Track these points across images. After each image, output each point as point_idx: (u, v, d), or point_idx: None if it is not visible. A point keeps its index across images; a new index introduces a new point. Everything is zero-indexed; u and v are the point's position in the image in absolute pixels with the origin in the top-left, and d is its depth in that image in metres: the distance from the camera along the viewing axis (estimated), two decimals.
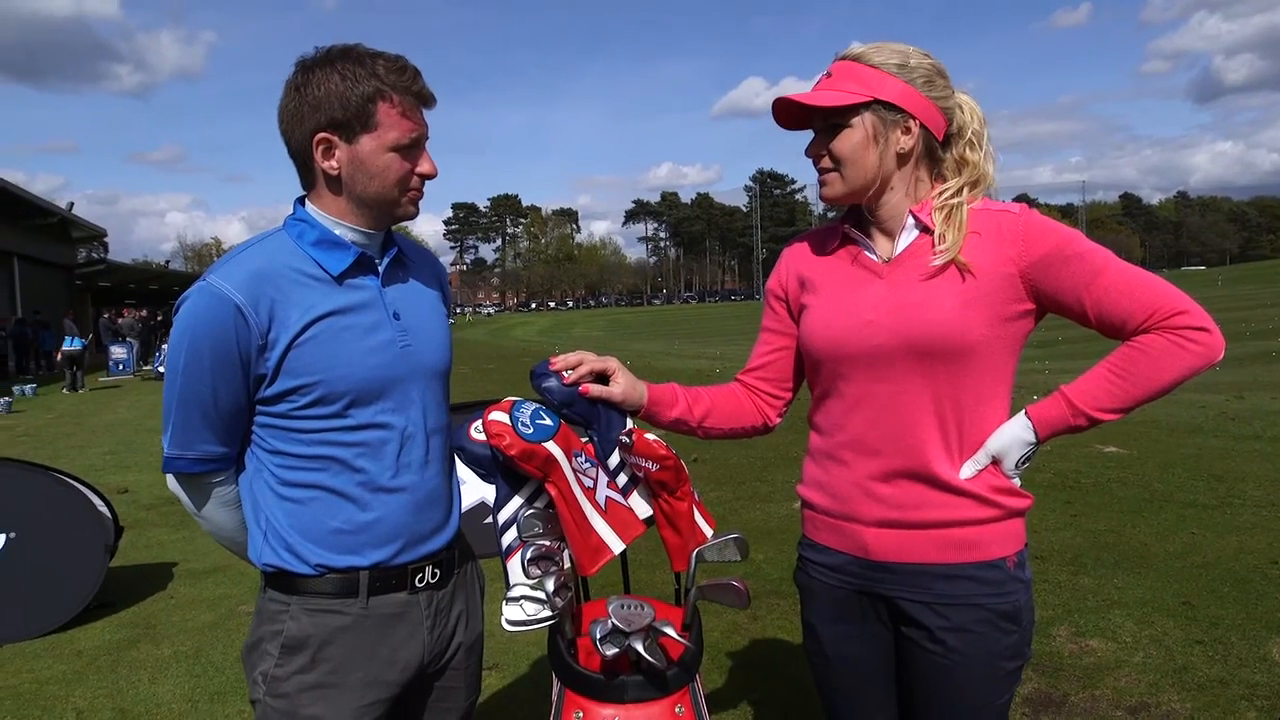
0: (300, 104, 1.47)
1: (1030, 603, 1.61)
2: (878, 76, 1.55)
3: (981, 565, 1.56)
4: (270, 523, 1.54)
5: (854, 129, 1.56)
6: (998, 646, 1.56)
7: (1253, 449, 7.52)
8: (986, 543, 1.56)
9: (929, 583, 1.58)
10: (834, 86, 1.57)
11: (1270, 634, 3.75)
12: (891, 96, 1.54)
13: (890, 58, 1.56)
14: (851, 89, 1.55)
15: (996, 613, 1.55)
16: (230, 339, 1.45)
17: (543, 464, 1.57)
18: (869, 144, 1.56)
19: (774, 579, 4.78)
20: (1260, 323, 23.75)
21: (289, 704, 1.53)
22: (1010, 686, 1.61)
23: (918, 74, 1.56)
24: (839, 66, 1.60)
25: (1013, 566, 1.58)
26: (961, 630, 1.56)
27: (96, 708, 3.65)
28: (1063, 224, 1.56)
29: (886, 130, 1.56)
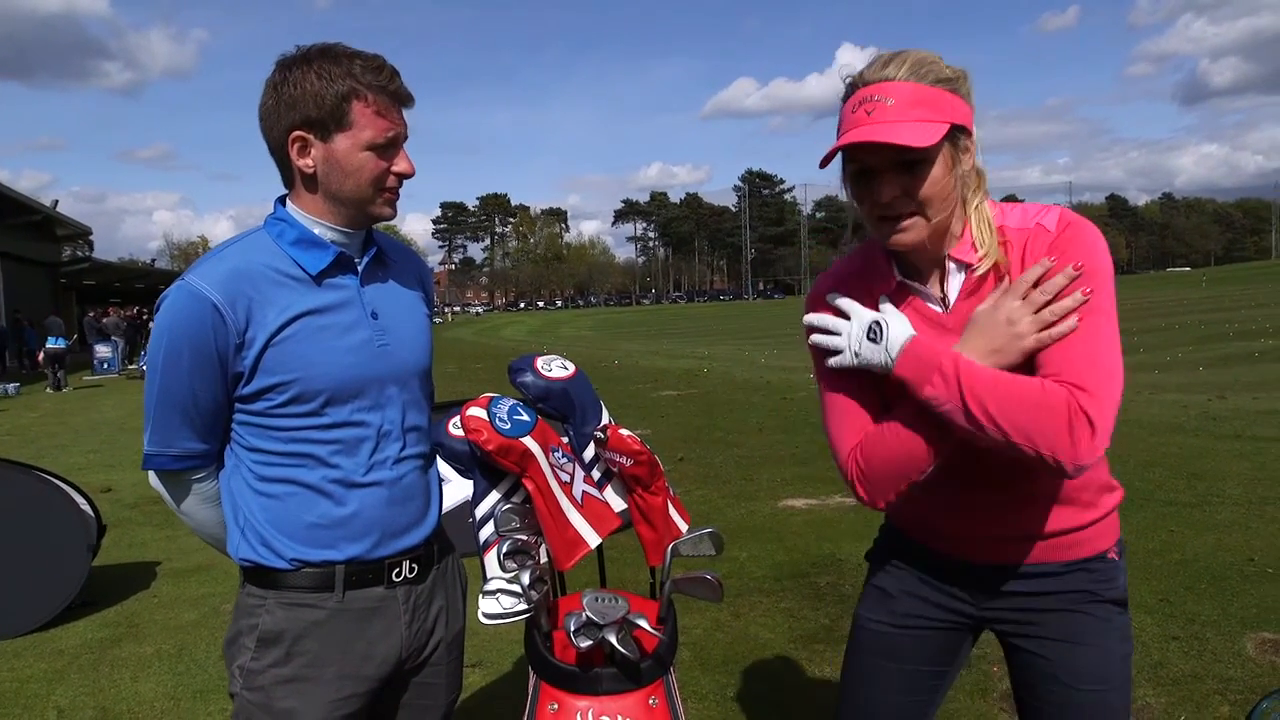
0: (278, 102, 1.49)
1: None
2: (942, 97, 1.38)
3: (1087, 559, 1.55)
4: (248, 518, 1.56)
5: (937, 164, 1.37)
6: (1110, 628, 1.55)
7: (1232, 448, 7.60)
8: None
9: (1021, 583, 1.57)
10: (906, 117, 1.34)
11: (1245, 630, 3.81)
12: (963, 119, 1.39)
13: (938, 72, 1.39)
14: (931, 116, 1.35)
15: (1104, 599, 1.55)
16: (208, 337, 1.46)
17: (520, 459, 1.59)
18: (948, 177, 1.39)
19: (757, 577, 4.80)
20: (1243, 323, 23.95)
21: (264, 696, 1.54)
22: (1127, 677, 1.57)
23: (962, 84, 1.41)
24: (892, 89, 1.37)
25: (1116, 557, 1.56)
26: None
27: (78, 706, 3.65)
28: (1099, 243, 1.38)
29: (959, 155, 1.40)
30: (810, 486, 6.88)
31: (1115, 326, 1.37)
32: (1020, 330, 1.35)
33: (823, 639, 3.94)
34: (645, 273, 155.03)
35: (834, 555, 5.12)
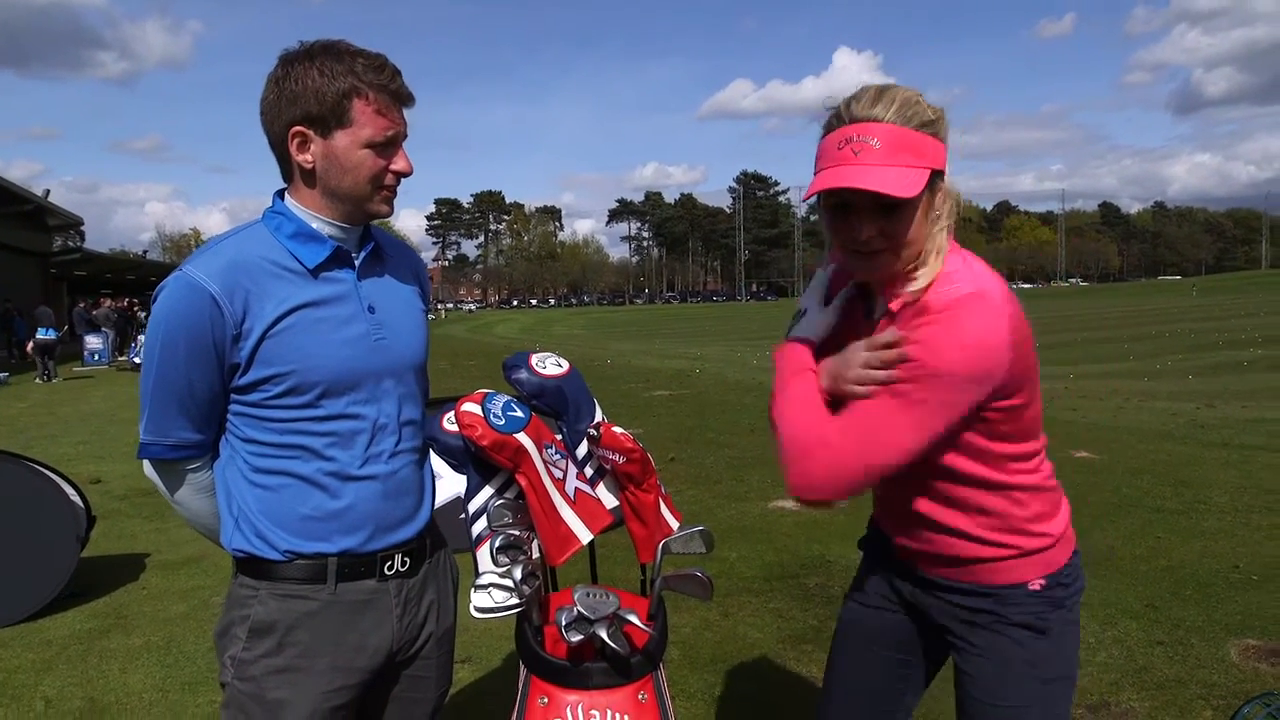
0: (279, 97, 1.50)
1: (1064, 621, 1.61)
2: (929, 144, 1.42)
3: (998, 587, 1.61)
4: (242, 509, 1.57)
5: (918, 206, 1.42)
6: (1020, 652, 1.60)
7: (1220, 456, 7.65)
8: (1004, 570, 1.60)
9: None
10: (890, 161, 1.39)
11: (1229, 636, 3.84)
12: (939, 164, 1.44)
13: (921, 114, 1.43)
14: (915, 163, 1.40)
15: (1014, 623, 1.60)
16: (205, 328, 1.47)
17: (513, 454, 1.60)
18: (924, 218, 1.44)
19: (746, 576, 4.82)
20: (1233, 333, 24.09)
21: (255, 687, 1.55)
22: (1041, 699, 1.61)
23: (942, 127, 1.45)
24: (879, 132, 1.40)
25: (1039, 588, 1.58)
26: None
27: (66, 696, 3.64)
28: (959, 342, 1.39)
29: (935, 197, 1.45)
30: None
31: (912, 419, 1.41)
32: (848, 375, 1.48)
33: (811, 639, 3.96)
34: (639, 272, 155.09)
35: (823, 557, 5.14)
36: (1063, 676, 1.63)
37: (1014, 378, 1.44)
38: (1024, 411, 1.50)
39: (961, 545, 1.60)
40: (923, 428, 1.42)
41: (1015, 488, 1.56)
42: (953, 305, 1.41)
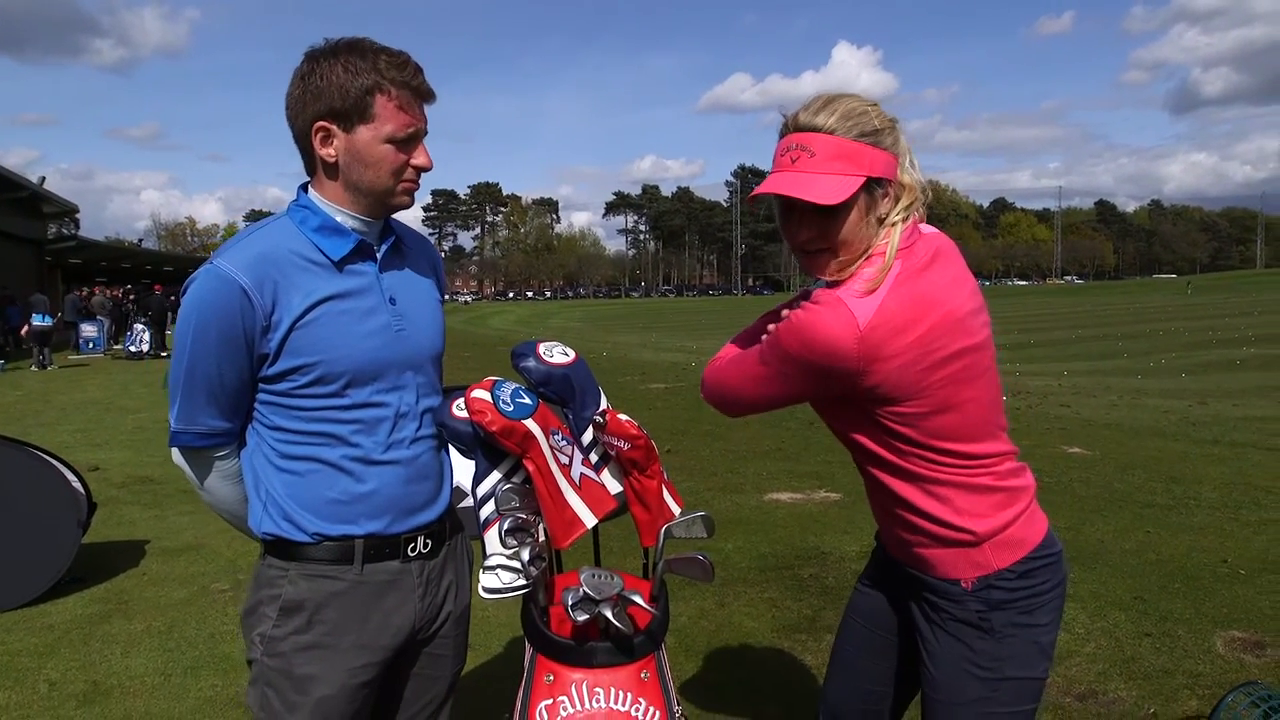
0: (304, 92, 1.54)
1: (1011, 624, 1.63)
2: (866, 152, 1.51)
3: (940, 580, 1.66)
4: (270, 494, 1.61)
5: (852, 212, 1.51)
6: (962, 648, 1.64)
7: (1210, 453, 7.73)
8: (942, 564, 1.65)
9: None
10: (823, 170, 1.50)
11: (1215, 628, 3.91)
12: (880, 171, 1.52)
13: (863, 125, 1.52)
14: (847, 171, 1.49)
15: (957, 619, 1.64)
16: (236, 319, 1.52)
17: (521, 440, 1.65)
18: (861, 222, 1.53)
19: (742, 567, 4.88)
20: (1226, 331, 24.22)
21: (284, 663, 1.60)
22: (984, 697, 1.64)
23: (887, 136, 1.53)
24: (815, 141, 1.51)
25: (969, 588, 1.62)
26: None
27: (69, 679, 3.68)
28: (794, 334, 1.52)
29: (874, 203, 1.54)
30: (796, 481, 6.97)
31: (755, 374, 1.62)
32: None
33: (805, 629, 4.02)
34: (635, 266, 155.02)
35: (818, 548, 5.20)
36: (1012, 678, 1.63)
37: (891, 386, 1.50)
38: (927, 419, 1.54)
39: (893, 526, 1.70)
40: (760, 384, 1.62)
41: (932, 481, 1.59)
42: (820, 300, 1.51)
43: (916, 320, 1.48)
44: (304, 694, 1.59)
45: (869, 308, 1.47)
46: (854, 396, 1.55)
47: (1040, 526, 1.66)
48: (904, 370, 1.48)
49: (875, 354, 1.47)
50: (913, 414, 1.53)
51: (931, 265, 1.55)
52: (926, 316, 1.49)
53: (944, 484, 1.60)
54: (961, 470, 1.59)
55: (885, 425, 1.57)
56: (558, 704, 1.61)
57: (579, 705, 1.60)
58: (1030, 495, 1.67)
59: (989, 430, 1.61)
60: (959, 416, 1.55)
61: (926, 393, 1.51)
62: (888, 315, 1.47)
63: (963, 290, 1.57)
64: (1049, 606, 1.65)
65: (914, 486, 1.62)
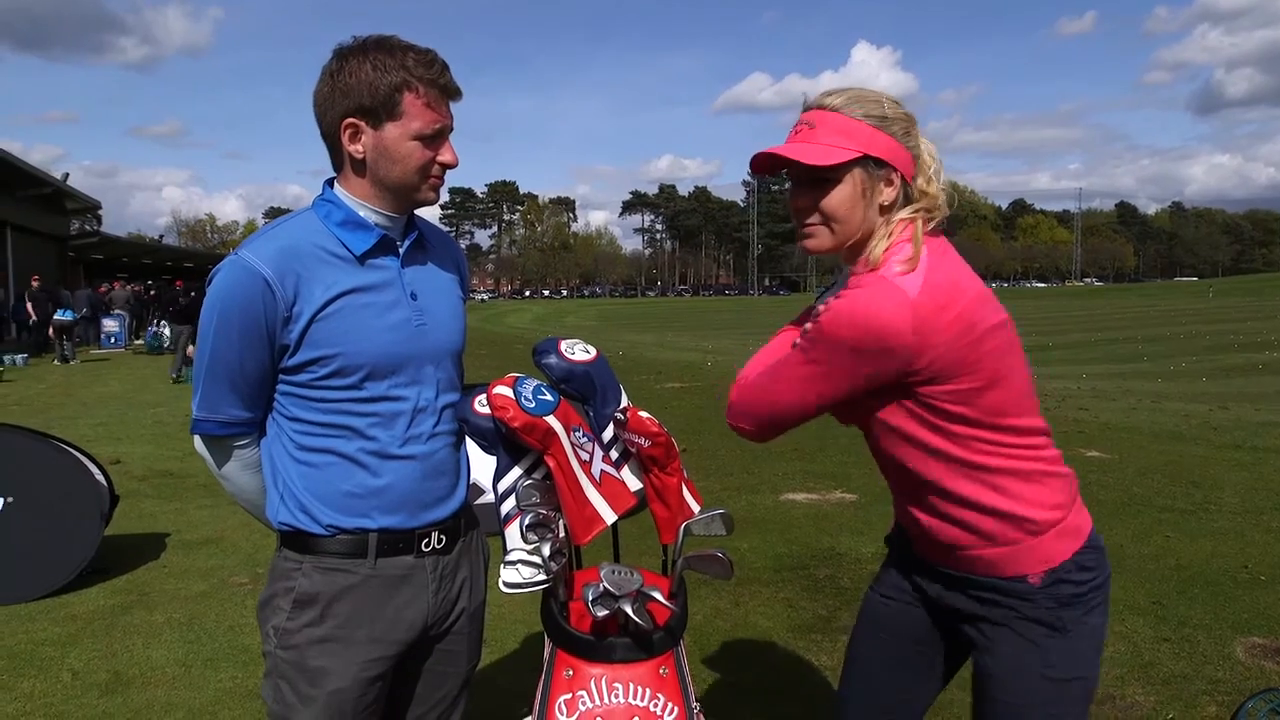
0: (333, 89, 1.56)
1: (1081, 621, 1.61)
2: (865, 130, 1.55)
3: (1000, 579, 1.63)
4: (287, 484, 1.63)
5: (844, 185, 1.56)
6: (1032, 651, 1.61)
7: (1231, 458, 7.66)
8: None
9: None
10: (820, 140, 1.56)
11: (1235, 634, 3.88)
12: (880, 152, 1.55)
13: (871, 109, 1.56)
14: (842, 144, 1.54)
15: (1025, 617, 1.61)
16: (258, 310, 1.54)
17: (543, 436, 1.66)
18: (858, 200, 1.56)
19: (757, 567, 4.88)
20: (1248, 335, 23.95)
21: (298, 655, 1.61)
22: (1054, 699, 1.62)
23: (897, 126, 1.57)
24: (819, 117, 1.58)
25: (1038, 583, 1.59)
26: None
27: (92, 669, 3.73)
28: (845, 318, 1.51)
29: (873, 184, 1.57)
30: (811, 481, 6.96)
31: (803, 374, 1.57)
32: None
33: (820, 629, 4.02)
34: (651, 265, 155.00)
35: (833, 549, 5.20)
36: (1079, 678, 1.62)
37: (945, 363, 1.49)
38: (981, 394, 1.53)
39: (944, 530, 1.64)
40: (811, 384, 1.56)
41: (987, 470, 1.57)
42: (862, 284, 1.53)
43: (956, 297, 1.51)
44: (316, 687, 1.61)
45: (915, 283, 1.49)
46: (905, 381, 1.52)
47: (1088, 517, 1.67)
48: (954, 344, 1.49)
49: (928, 328, 1.47)
50: (968, 390, 1.52)
51: (948, 253, 1.59)
52: (964, 294, 1.53)
53: (1000, 471, 1.57)
54: (1017, 451, 1.58)
55: (940, 409, 1.54)
56: (577, 699, 1.62)
57: (598, 700, 1.61)
58: (1076, 484, 1.67)
59: (1034, 404, 1.63)
60: (1007, 390, 1.56)
61: (979, 365, 1.51)
62: (933, 291, 1.49)
63: (974, 274, 1.61)
64: (1105, 604, 1.64)
65: (969, 478, 1.58)
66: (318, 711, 1.60)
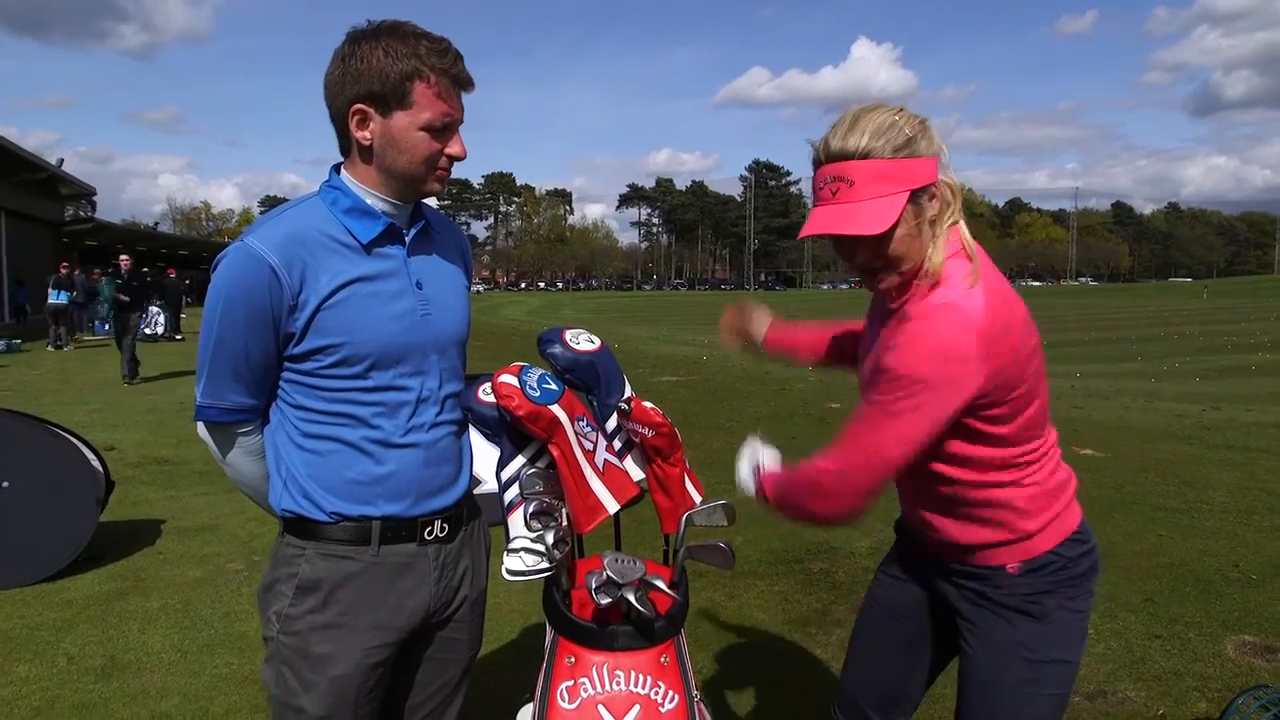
0: (344, 74, 1.54)
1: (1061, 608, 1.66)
2: (899, 167, 1.49)
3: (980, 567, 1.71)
4: (290, 471, 1.63)
5: (901, 227, 1.51)
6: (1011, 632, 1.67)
7: (1224, 457, 7.70)
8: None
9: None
10: (864, 197, 1.49)
11: (1226, 631, 3.91)
12: (921, 181, 1.51)
13: (895, 139, 1.49)
14: (887, 192, 1.49)
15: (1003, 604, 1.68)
16: (264, 297, 1.53)
17: (547, 425, 1.67)
18: (914, 234, 1.54)
19: (753, 560, 4.90)
20: (1241, 336, 24.05)
21: (300, 641, 1.62)
22: (1030, 679, 1.67)
23: (921, 141, 1.52)
24: (852, 170, 1.50)
25: (1015, 572, 1.66)
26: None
27: (87, 654, 3.74)
28: (928, 350, 1.48)
29: (921, 210, 1.54)
30: None
31: (895, 428, 1.51)
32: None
33: (814, 622, 4.04)
34: (648, 258, 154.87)
35: (828, 543, 5.22)
36: (1057, 660, 1.67)
37: (998, 385, 1.51)
38: (1022, 411, 1.57)
39: (947, 528, 1.71)
40: (905, 434, 1.51)
41: (999, 485, 1.63)
42: (924, 314, 1.51)
43: (1012, 314, 1.53)
44: (319, 673, 1.61)
45: (978, 304, 1.49)
46: (969, 400, 1.51)
47: (1077, 513, 1.73)
48: (1011, 364, 1.51)
49: (992, 349, 1.48)
50: (1012, 409, 1.55)
51: (989, 264, 1.59)
52: (1016, 309, 1.55)
53: (1011, 485, 1.64)
54: (1037, 459, 1.64)
55: (987, 419, 1.55)
56: (578, 685, 1.63)
57: (599, 687, 1.62)
58: (1073, 485, 1.74)
59: (1046, 420, 1.68)
60: (1038, 408, 1.61)
61: (1024, 382, 1.54)
62: (993, 310, 1.50)
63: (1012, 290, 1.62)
64: (1086, 594, 1.70)
65: (990, 486, 1.63)
66: (320, 696, 1.61)
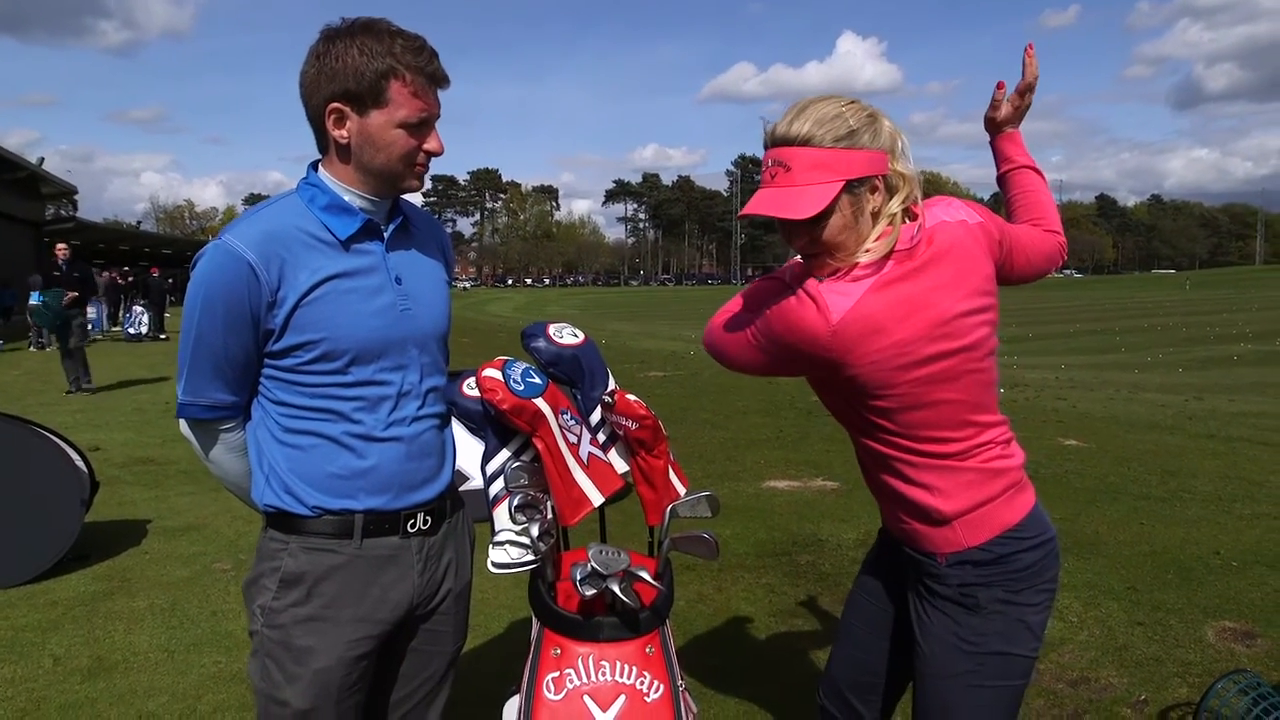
0: (319, 72, 1.54)
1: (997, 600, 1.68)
2: (838, 157, 1.55)
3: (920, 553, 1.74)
4: (272, 467, 1.64)
5: (835, 216, 1.56)
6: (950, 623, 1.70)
7: (1206, 447, 7.78)
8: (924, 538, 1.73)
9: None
10: (799, 182, 1.56)
11: (1207, 618, 3.95)
12: (859, 172, 1.56)
13: (836, 129, 1.55)
14: (821, 179, 1.55)
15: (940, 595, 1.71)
16: (243, 295, 1.53)
17: (531, 419, 1.68)
18: (851, 223, 1.58)
19: (740, 553, 4.92)
20: (1224, 327, 24.28)
21: (284, 634, 1.63)
22: (969, 671, 1.69)
23: (865, 133, 1.57)
24: (791, 156, 1.57)
25: (943, 563, 1.69)
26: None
27: (73, 654, 3.72)
28: (775, 319, 1.64)
29: (860, 202, 1.58)
30: (793, 469, 7.01)
31: (744, 339, 1.69)
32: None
33: (801, 614, 4.06)
34: (634, 254, 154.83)
35: (815, 535, 5.24)
36: (998, 653, 1.68)
37: (864, 382, 1.58)
38: (899, 414, 1.62)
39: (882, 499, 1.78)
40: (750, 352, 1.69)
41: (906, 464, 1.67)
42: (805, 289, 1.58)
43: (896, 323, 1.55)
44: (303, 665, 1.62)
45: (844, 304, 1.54)
46: (835, 382, 1.63)
47: (1019, 509, 1.69)
48: (876, 368, 1.56)
49: (848, 349, 1.54)
50: (882, 408, 1.62)
51: (929, 266, 1.59)
52: (907, 320, 1.55)
53: (918, 468, 1.67)
54: (932, 460, 1.66)
55: (860, 411, 1.65)
56: (564, 676, 1.64)
57: (585, 678, 1.64)
58: (1010, 480, 1.69)
59: (966, 425, 1.65)
60: (931, 413, 1.62)
61: (896, 390, 1.59)
62: (865, 314, 1.53)
63: (959, 291, 1.61)
64: (1038, 588, 1.69)
65: (892, 466, 1.69)
66: (304, 689, 1.61)
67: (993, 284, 1.68)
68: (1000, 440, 1.69)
